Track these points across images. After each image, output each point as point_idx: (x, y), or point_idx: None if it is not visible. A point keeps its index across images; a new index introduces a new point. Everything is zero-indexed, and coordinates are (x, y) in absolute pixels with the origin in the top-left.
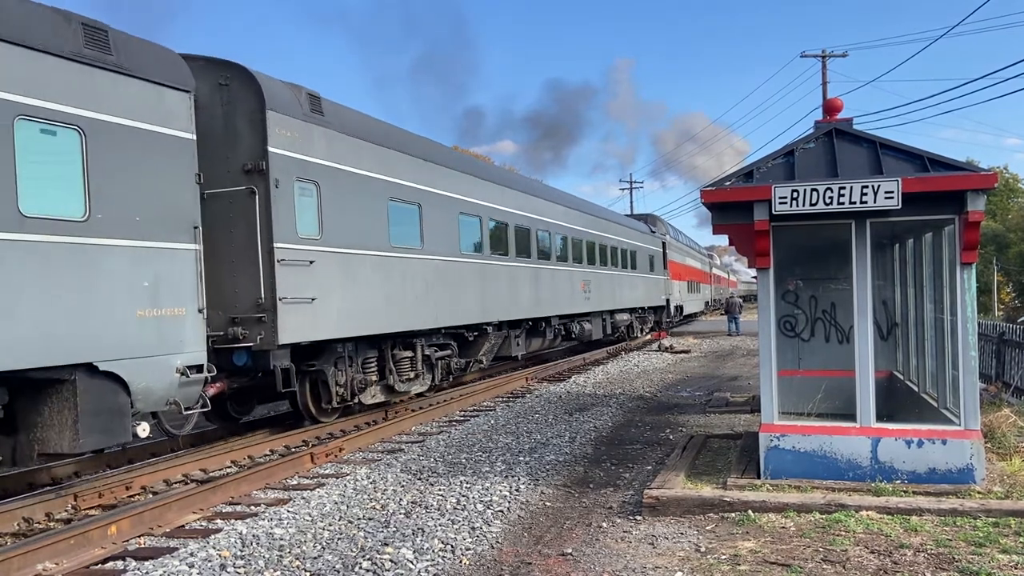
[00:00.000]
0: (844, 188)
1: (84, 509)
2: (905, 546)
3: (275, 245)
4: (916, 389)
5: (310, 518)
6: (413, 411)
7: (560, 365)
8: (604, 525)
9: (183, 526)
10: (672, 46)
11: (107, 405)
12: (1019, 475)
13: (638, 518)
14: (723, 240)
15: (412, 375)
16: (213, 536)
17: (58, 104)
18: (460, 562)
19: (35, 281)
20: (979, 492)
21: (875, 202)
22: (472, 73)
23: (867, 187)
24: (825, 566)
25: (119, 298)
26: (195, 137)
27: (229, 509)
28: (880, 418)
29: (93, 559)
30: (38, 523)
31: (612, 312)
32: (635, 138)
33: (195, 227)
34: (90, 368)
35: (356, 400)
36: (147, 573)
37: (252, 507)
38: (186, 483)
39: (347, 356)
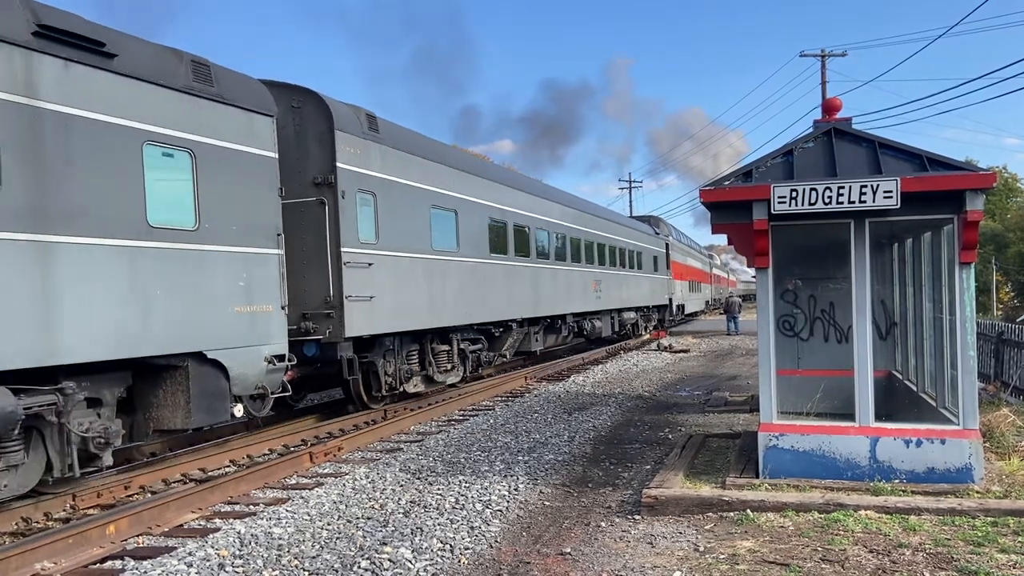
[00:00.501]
0: (843, 188)
1: (82, 509)
2: (904, 545)
3: (342, 249)
4: (915, 389)
5: (309, 517)
6: (412, 410)
7: (559, 364)
8: (603, 524)
9: (182, 525)
10: (671, 46)
11: (212, 388)
12: (1017, 474)
13: (637, 517)
14: (721, 239)
15: (449, 367)
16: (212, 535)
17: (174, 131)
18: (459, 561)
19: (159, 281)
20: (977, 491)
21: (874, 202)
22: (470, 71)
23: (866, 187)
24: (824, 565)
25: (221, 296)
26: (278, 156)
27: (228, 508)
28: (879, 418)
29: (91, 558)
30: (36, 522)
31: (620, 310)
32: (632, 137)
33: (278, 234)
34: (200, 356)
35: (401, 388)
36: (145, 572)
37: (251, 506)
38: (185, 482)
39: (394, 349)
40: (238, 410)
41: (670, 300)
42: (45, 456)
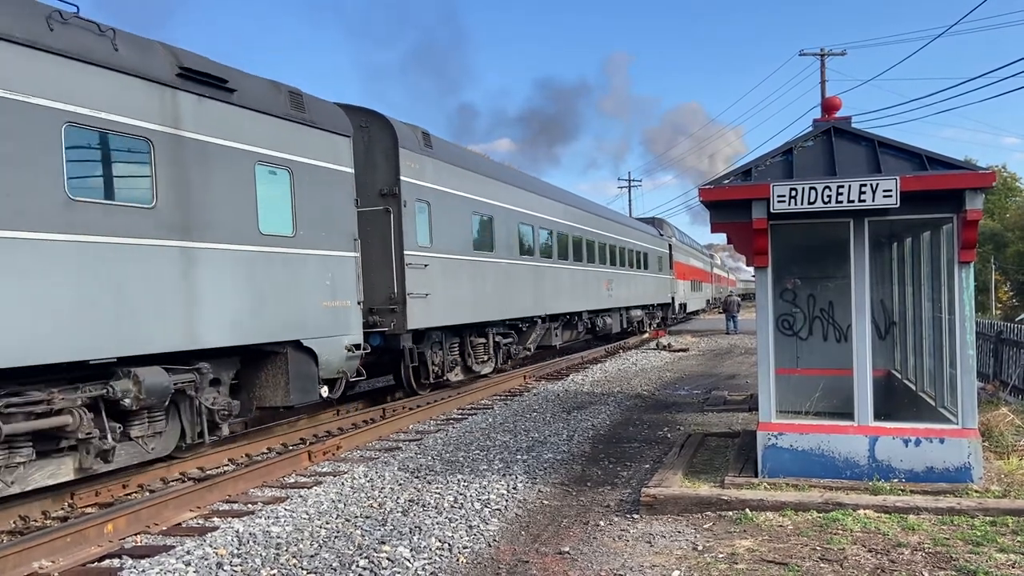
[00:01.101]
0: (842, 187)
1: (81, 507)
2: (903, 545)
3: (404, 252)
4: (914, 388)
5: (307, 516)
6: (410, 409)
7: (558, 363)
8: (601, 524)
9: (180, 524)
10: (670, 44)
11: (305, 372)
12: (1016, 474)
13: (635, 517)
14: (720, 238)
15: (485, 358)
16: (210, 534)
17: (277, 152)
18: (457, 560)
19: (267, 280)
20: (976, 491)
21: (873, 201)
22: (467, 68)
23: (865, 186)
24: (822, 565)
25: (313, 292)
26: (354, 171)
27: (226, 507)
28: (878, 417)
29: (89, 557)
30: (34, 521)
31: (628, 308)
32: (630, 135)
33: (355, 239)
34: (296, 344)
35: (445, 377)
36: (143, 571)
37: (249, 505)
38: (183, 481)
39: (440, 341)
40: (324, 391)
41: (673, 299)
42: (180, 425)
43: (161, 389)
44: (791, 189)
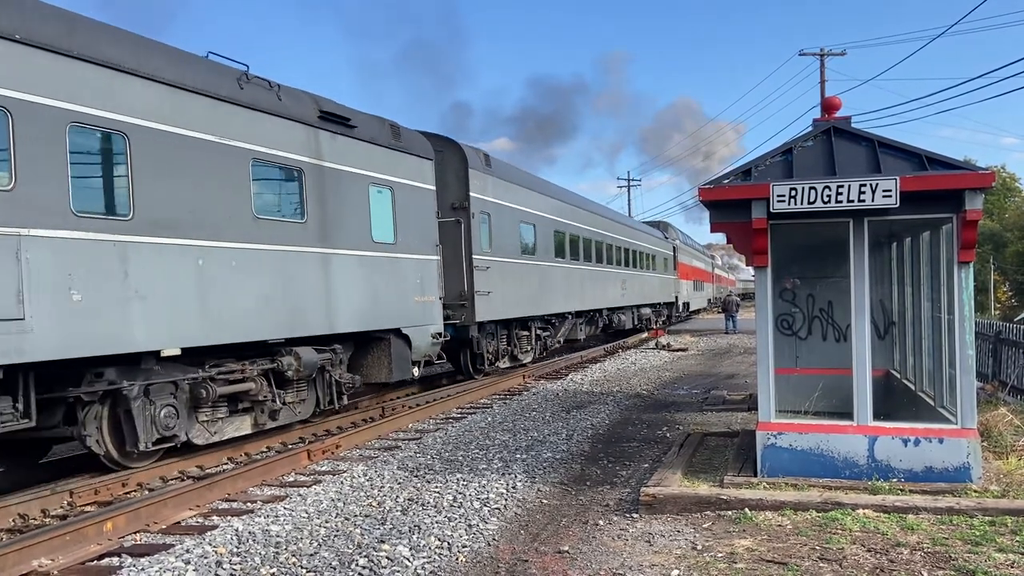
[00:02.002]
0: (842, 187)
1: (80, 505)
2: (902, 544)
3: (472, 256)
4: (913, 388)
5: (307, 515)
6: (410, 408)
7: (558, 363)
8: (601, 523)
9: (179, 523)
10: (668, 43)
11: (403, 354)
12: (1015, 474)
13: (635, 516)
14: (719, 237)
15: (527, 348)
16: (209, 533)
17: (383, 174)
18: (457, 559)
19: (379, 278)
20: (975, 491)
21: (873, 201)
22: (464, 67)
23: (865, 186)
24: (822, 564)
25: (408, 289)
26: (435, 188)
27: (225, 506)
28: (877, 417)
29: (89, 555)
30: (34, 519)
31: (639, 307)
32: (627, 136)
33: (437, 244)
34: (397, 331)
35: (496, 364)
36: (143, 570)
37: (248, 504)
38: (182, 480)
39: (494, 333)
40: (415, 371)
41: (677, 298)
42: (316, 395)
43: (313, 364)
44: (791, 189)
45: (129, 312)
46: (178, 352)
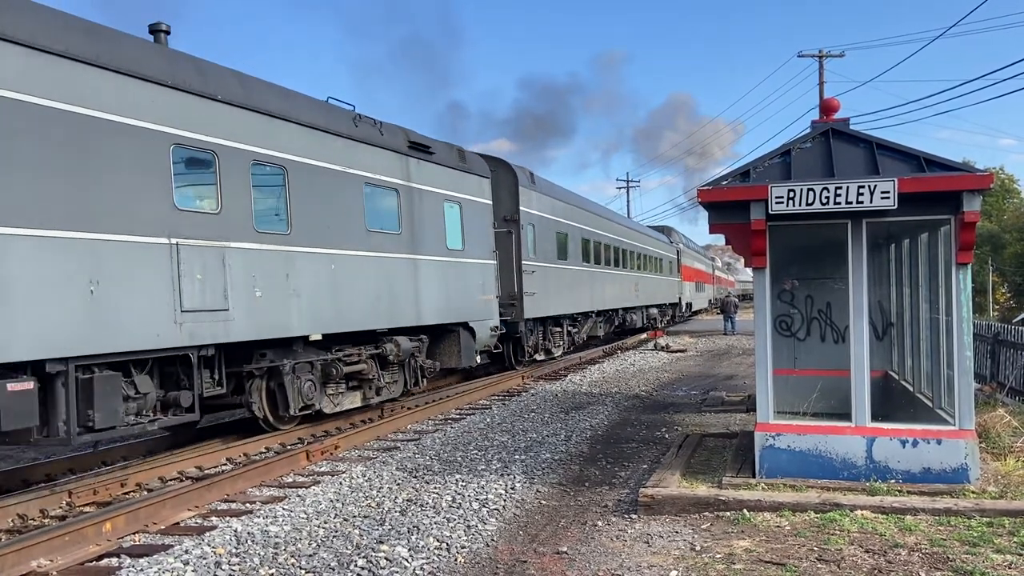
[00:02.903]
0: (840, 188)
1: (79, 506)
2: (900, 545)
3: (522, 261)
4: (911, 389)
5: (305, 516)
6: (409, 409)
7: (556, 364)
8: (599, 524)
9: (178, 523)
10: (666, 45)
11: (469, 344)
12: (1013, 475)
13: (633, 517)
14: (717, 239)
15: (559, 343)
16: (208, 533)
17: (453, 192)
18: (456, 560)
19: (452, 280)
20: (973, 492)
21: (871, 202)
22: (461, 66)
23: (863, 187)
24: (820, 565)
25: (473, 289)
26: (492, 203)
27: (224, 506)
28: (875, 418)
29: (88, 556)
30: (33, 520)
31: (648, 307)
32: (624, 136)
33: (494, 251)
34: (464, 324)
35: (532, 356)
36: (142, 570)
37: (247, 504)
38: (181, 480)
39: (532, 329)
40: (478, 358)
41: (680, 298)
42: (404, 377)
43: (407, 350)
44: (789, 190)
45: (289, 306)
46: (320, 337)
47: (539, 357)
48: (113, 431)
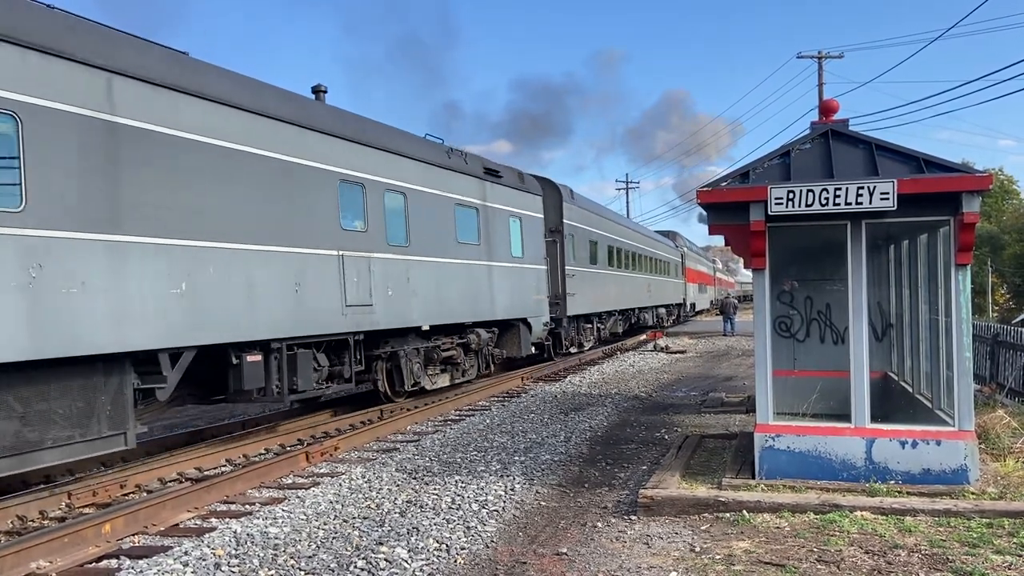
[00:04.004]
0: (840, 189)
1: (78, 507)
2: (899, 546)
3: (565, 266)
4: (911, 390)
5: (305, 517)
6: (408, 410)
7: (556, 365)
8: (599, 525)
9: (177, 524)
10: (665, 45)
11: (527, 336)
12: (1013, 476)
13: (633, 518)
14: (715, 240)
15: (590, 338)
16: (207, 535)
17: (515, 208)
18: (455, 561)
19: (516, 281)
20: (973, 493)
21: (871, 203)
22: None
23: (863, 188)
24: (819, 566)
25: (530, 290)
26: (543, 216)
27: (224, 508)
28: (875, 419)
29: (87, 557)
30: (32, 521)
31: (657, 307)
32: (624, 137)
33: (545, 257)
34: (523, 320)
35: (568, 349)
36: (141, 572)
37: (247, 506)
38: (181, 481)
39: (567, 326)
40: (532, 348)
41: (684, 299)
42: (477, 363)
43: (485, 340)
44: (789, 191)
45: (410, 302)
46: (428, 328)
47: (573, 350)
48: (305, 393)
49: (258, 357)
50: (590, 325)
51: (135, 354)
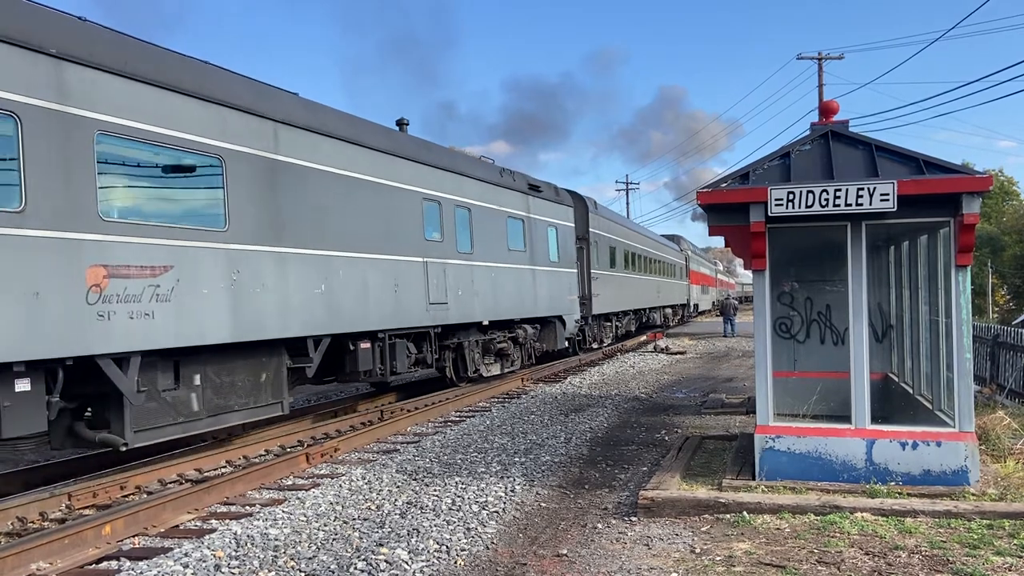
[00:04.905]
0: (840, 190)
1: (78, 509)
2: (899, 548)
3: (591, 270)
4: (911, 391)
5: (305, 518)
6: (408, 411)
7: (556, 366)
8: (599, 526)
9: (177, 526)
10: (664, 46)
11: (562, 332)
12: (1013, 477)
13: (633, 519)
14: (716, 241)
15: (609, 335)
16: (208, 536)
17: (551, 219)
18: (455, 563)
19: (554, 283)
20: (973, 494)
21: (871, 204)
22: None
23: (863, 189)
24: (820, 567)
25: (565, 290)
26: (574, 225)
27: (224, 509)
28: (875, 420)
29: (87, 559)
30: (32, 523)
31: (664, 307)
32: (622, 138)
33: (576, 262)
34: (559, 317)
35: (590, 345)
36: (141, 573)
37: (247, 507)
38: (181, 483)
39: (591, 324)
40: (565, 344)
41: (688, 300)
42: (521, 355)
43: (530, 335)
44: (789, 193)
45: (474, 302)
46: (487, 323)
47: (594, 346)
48: (401, 375)
49: (368, 344)
50: (609, 323)
51: (289, 340)
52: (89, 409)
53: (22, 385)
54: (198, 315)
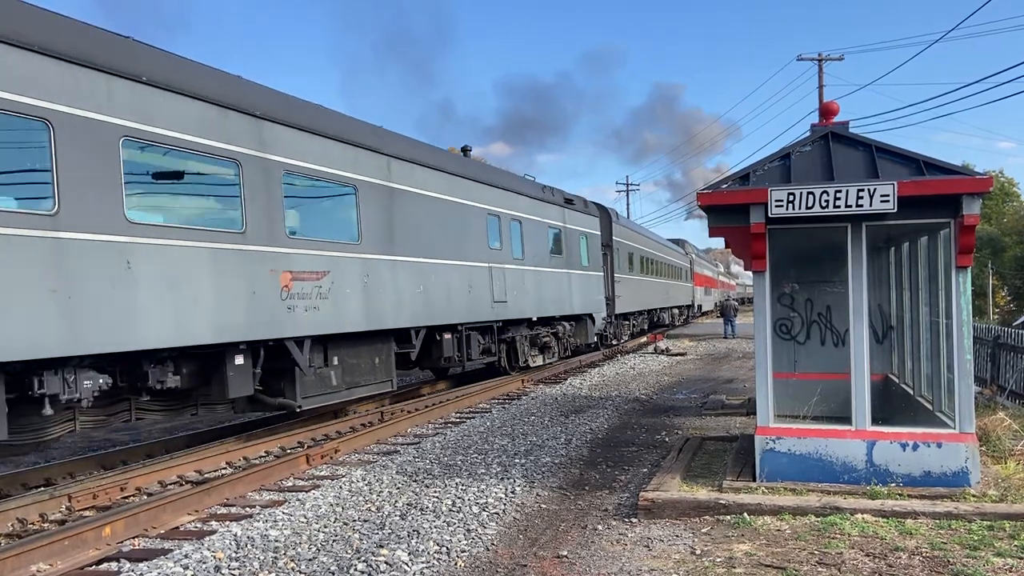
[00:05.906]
0: (840, 191)
1: (78, 510)
2: (900, 549)
3: (614, 274)
4: (911, 392)
5: (305, 520)
6: (409, 412)
7: (556, 367)
8: (599, 527)
9: (178, 527)
10: (666, 43)
11: (592, 329)
12: (1014, 478)
13: (633, 520)
14: (716, 242)
15: (626, 333)
16: (208, 537)
17: (582, 227)
18: (455, 564)
19: (585, 284)
20: (974, 495)
21: (871, 206)
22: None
23: (863, 191)
24: (820, 569)
25: (594, 291)
26: (600, 233)
27: (224, 510)
28: (875, 421)
29: (87, 560)
30: (32, 524)
31: (671, 308)
32: (622, 138)
33: (603, 266)
34: (590, 315)
35: (611, 341)
36: (141, 574)
37: (247, 508)
38: (181, 484)
39: (613, 322)
40: (595, 339)
41: (692, 301)
42: (559, 347)
43: (569, 330)
44: (789, 194)
45: (525, 300)
46: (535, 319)
47: (614, 342)
48: (473, 363)
49: (450, 335)
50: (627, 322)
51: (397, 331)
52: (261, 382)
53: (240, 359)
54: (344, 309)
